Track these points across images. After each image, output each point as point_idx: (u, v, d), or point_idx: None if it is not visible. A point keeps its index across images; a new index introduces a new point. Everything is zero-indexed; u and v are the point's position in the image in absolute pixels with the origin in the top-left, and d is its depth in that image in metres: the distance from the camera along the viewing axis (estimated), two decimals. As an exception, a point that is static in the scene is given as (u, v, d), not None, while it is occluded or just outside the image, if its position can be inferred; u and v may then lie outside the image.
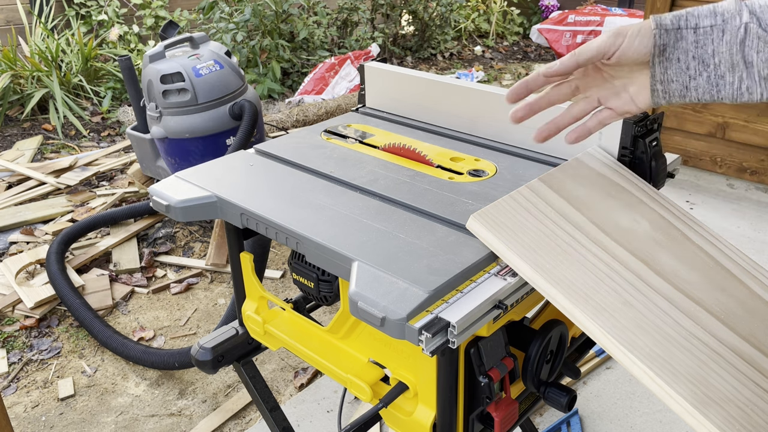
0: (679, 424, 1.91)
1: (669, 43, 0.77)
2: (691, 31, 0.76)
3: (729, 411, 0.74)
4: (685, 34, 0.76)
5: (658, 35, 0.77)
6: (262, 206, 1.05)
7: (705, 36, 0.76)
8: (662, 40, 0.77)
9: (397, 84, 1.43)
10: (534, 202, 0.96)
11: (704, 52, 0.76)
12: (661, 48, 0.78)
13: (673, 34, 0.77)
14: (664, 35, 0.77)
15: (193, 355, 1.28)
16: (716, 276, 0.93)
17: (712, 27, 0.75)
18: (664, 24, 0.77)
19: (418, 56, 6.02)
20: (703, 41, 0.76)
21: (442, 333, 0.79)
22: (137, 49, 4.98)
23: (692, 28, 0.76)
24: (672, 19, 0.77)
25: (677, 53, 0.77)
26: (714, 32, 0.75)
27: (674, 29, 0.77)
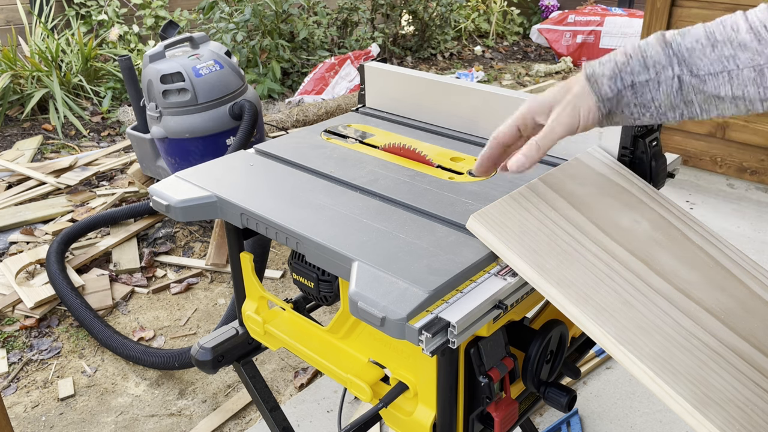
0: (679, 424, 1.91)
1: (613, 106, 0.82)
2: (629, 89, 0.80)
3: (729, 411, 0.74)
4: (624, 93, 0.81)
5: (603, 106, 0.82)
6: (262, 206, 1.05)
7: (642, 88, 0.80)
8: (606, 108, 0.82)
9: (397, 84, 1.43)
10: (534, 202, 0.96)
11: (644, 100, 0.80)
12: (607, 113, 0.82)
13: (615, 99, 0.81)
14: (607, 103, 0.81)
15: (193, 355, 1.28)
16: (716, 276, 0.93)
17: (648, 81, 0.79)
18: (604, 94, 0.81)
19: (418, 56, 6.03)
20: (641, 92, 0.80)
21: (442, 333, 0.79)
22: (137, 49, 4.98)
23: (629, 86, 0.80)
24: (609, 84, 0.80)
25: (620, 108, 0.82)
26: (650, 85, 0.79)
27: (614, 95, 0.81)
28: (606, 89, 0.81)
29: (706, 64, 0.76)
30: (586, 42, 5.87)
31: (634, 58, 0.79)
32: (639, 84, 0.79)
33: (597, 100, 0.81)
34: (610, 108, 0.82)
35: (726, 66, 0.75)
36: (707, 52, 0.76)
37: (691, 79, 0.77)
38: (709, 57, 0.76)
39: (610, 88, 0.81)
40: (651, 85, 0.79)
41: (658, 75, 0.78)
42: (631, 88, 0.80)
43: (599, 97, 0.81)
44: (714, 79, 0.76)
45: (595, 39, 5.81)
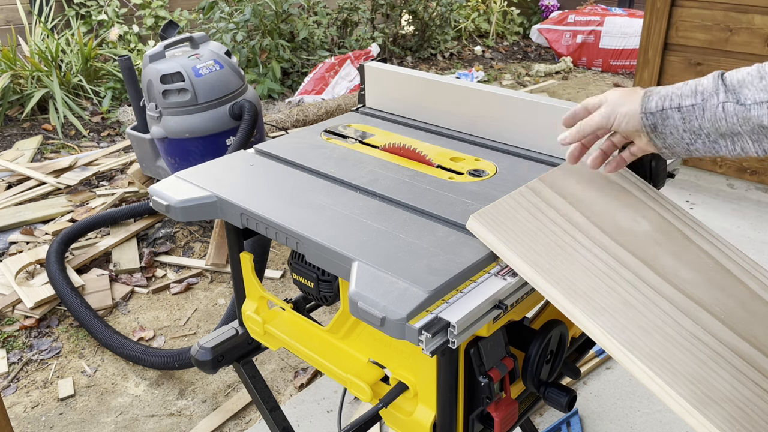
0: (679, 424, 1.91)
1: (657, 122, 0.87)
2: (675, 111, 0.85)
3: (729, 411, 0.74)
4: (670, 113, 0.86)
5: (645, 118, 0.88)
6: (262, 206, 1.05)
7: (689, 114, 0.84)
8: (650, 121, 0.87)
9: (397, 84, 1.43)
10: (534, 202, 0.96)
11: (692, 126, 0.85)
12: (652, 127, 0.88)
13: (659, 115, 0.87)
14: (651, 117, 0.87)
15: (193, 355, 1.28)
16: (716, 276, 0.93)
17: (693, 106, 0.84)
18: (649, 107, 0.87)
19: (418, 56, 6.02)
20: (688, 118, 0.84)
21: (442, 333, 0.79)
22: (137, 49, 4.98)
23: (676, 108, 0.85)
24: (657, 100, 0.87)
25: (668, 129, 0.87)
26: (695, 111, 0.84)
27: (659, 111, 0.86)
28: (652, 104, 0.87)
29: (752, 93, 0.79)
30: (586, 42, 5.87)
31: (689, 86, 0.85)
32: (685, 108, 0.84)
33: (641, 110, 0.87)
34: (654, 122, 0.87)
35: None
36: (755, 83, 0.79)
37: (735, 108, 0.80)
38: (756, 87, 0.79)
39: (656, 104, 0.86)
40: (696, 111, 0.83)
41: (705, 101, 0.83)
42: (678, 110, 0.85)
43: (643, 108, 0.87)
44: (758, 108, 0.78)
45: (595, 39, 5.81)
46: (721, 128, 0.82)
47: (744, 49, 3.01)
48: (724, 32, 3.05)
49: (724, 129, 0.82)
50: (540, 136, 1.22)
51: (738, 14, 3.00)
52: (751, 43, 2.99)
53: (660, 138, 0.88)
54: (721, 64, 3.09)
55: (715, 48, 3.10)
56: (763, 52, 2.96)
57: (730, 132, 0.82)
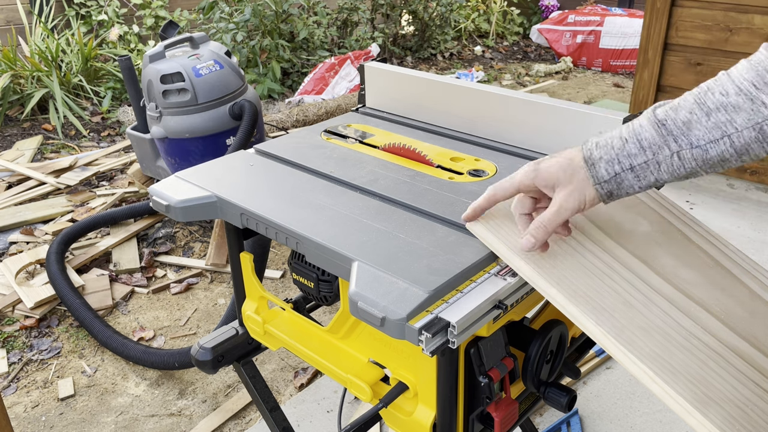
0: (679, 424, 1.91)
1: (613, 189, 0.82)
2: (628, 172, 0.81)
3: (729, 411, 0.74)
4: (623, 176, 0.81)
5: (600, 188, 0.82)
6: (262, 206, 1.05)
7: (643, 171, 0.80)
8: (605, 189, 0.83)
9: (397, 84, 1.43)
10: (534, 202, 0.96)
11: (648, 182, 0.81)
12: (608, 194, 0.83)
13: (614, 182, 0.82)
14: (605, 185, 0.82)
15: (193, 355, 1.28)
16: (716, 276, 0.93)
17: (646, 162, 0.79)
18: (602, 177, 0.82)
19: (418, 56, 6.03)
20: (643, 174, 0.80)
21: (442, 333, 0.79)
22: (137, 49, 4.98)
23: (628, 169, 0.80)
24: (605, 167, 0.81)
25: (624, 190, 0.83)
26: (649, 166, 0.80)
27: (612, 177, 0.81)
28: (603, 172, 0.82)
29: (704, 134, 0.76)
30: (586, 42, 5.87)
31: (630, 142, 0.80)
32: (638, 167, 0.80)
33: (594, 182, 0.82)
34: (609, 190, 0.83)
35: (726, 131, 0.75)
36: (703, 122, 0.76)
37: (692, 152, 0.77)
38: (706, 126, 0.76)
39: (606, 171, 0.82)
40: (651, 166, 0.80)
41: (656, 156, 0.79)
42: (630, 170, 0.81)
43: (596, 179, 0.82)
44: (716, 146, 0.76)
45: (595, 39, 5.81)
46: (681, 174, 0.79)
47: (744, 49, 3.01)
48: (724, 32, 3.05)
49: (684, 173, 0.79)
50: (540, 136, 1.22)
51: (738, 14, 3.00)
52: (751, 43, 2.99)
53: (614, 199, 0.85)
54: (721, 64, 3.09)
55: (715, 48, 3.10)
56: (763, 52, 2.96)
57: (692, 173, 0.79)
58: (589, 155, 0.82)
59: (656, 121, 0.79)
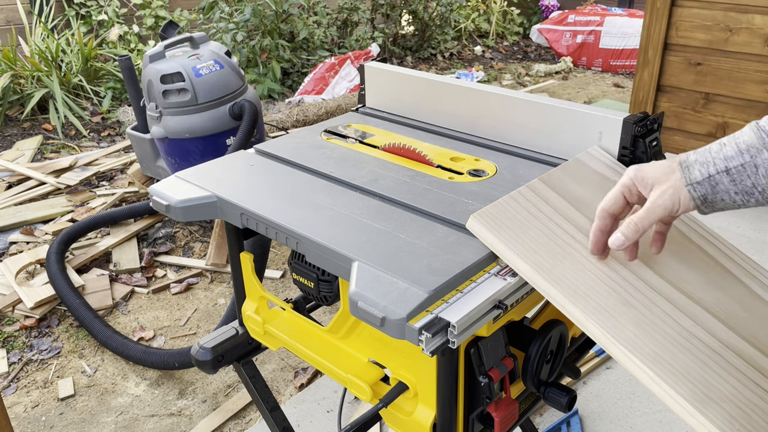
0: (679, 424, 1.91)
1: (707, 192, 0.80)
2: (724, 175, 0.79)
3: (729, 411, 0.74)
4: (719, 179, 0.79)
5: (693, 190, 0.80)
6: (262, 206, 1.05)
7: (739, 174, 0.78)
8: (699, 192, 0.80)
9: (397, 84, 1.43)
10: (534, 202, 0.96)
11: (744, 186, 0.79)
12: (702, 198, 0.81)
13: (707, 183, 0.80)
14: (699, 188, 0.80)
15: (193, 355, 1.28)
16: (716, 276, 0.93)
17: (743, 165, 0.78)
18: (695, 178, 0.80)
19: (418, 56, 6.02)
20: (739, 179, 0.78)
21: (442, 333, 0.79)
22: (137, 49, 4.98)
23: (724, 172, 0.79)
24: (700, 168, 0.80)
25: (719, 195, 0.80)
26: (747, 169, 0.78)
27: (705, 179, 0.80)
28: (696, 174, 0.80)
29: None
30: (586, 42, 5.87)
31: (728, 146, 0.80)
32: (734, 169, 0.79)
33: (686, 182, 0.81)
34: (703, 193, 0.80)
35: None
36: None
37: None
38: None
39: (700, 173, 0.80)
40: (748, 169, 0.78)
41: (754, 158, 0.77)
42: (726, 173, 0.79)
43: (688, 179, 0.81)
44: None
45: (595, 39, 5.81)
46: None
47: (744, 49, 3.01)
48: (724, 32, 3.05)
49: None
50: (540, 136, 1.22)
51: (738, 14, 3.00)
52: (751, 43, 2.99)
53: (710, 206, 0.82)
54: (721, 64, 3.09)
55: (715, 48, 3.10)
56: (763, 51, 2.96)
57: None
58: (686, 158, 0.82)
59: (758, 127, 0.78)
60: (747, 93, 3.07)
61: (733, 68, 3.07)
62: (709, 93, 3.19)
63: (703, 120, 3.25)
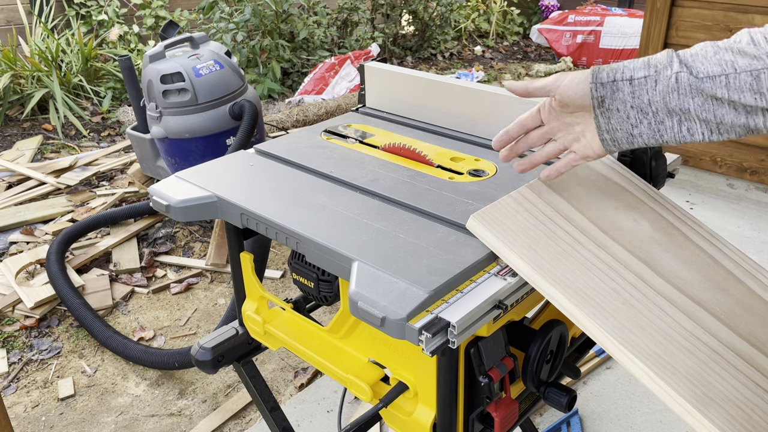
0: (679, 424, 1.91)
1: (606, 95, 0.84)
2: (626, 83, 0.83)
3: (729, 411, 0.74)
4: (621, 86, 0.83)
5: (594, 88, 0.84)
6: (262, 206, 1.05)
7: (640, 87, 0.82)
8: (599, 93, 0.84)
9: (397, 84, 1.43)
10: (534, 202, 0.96)
11: (641, 102, 0.82)
12: (600, 100, 0.84)
13: (609, 87, 0.84)
14: (600, 88, 0.84)
15: (193, 355, 1.28)
16: (716, 276, 0.93)
17: (646, 78, 0.82)
18: (600, 78, 0.84)
19: (418, 56, 6.02)
20: (639, 92, 0.82)
21: (442, 333, 0.79)
22: (137, 49, 4.98)
23: (627, 80, 0.83)
24: (608, 71, 0.84)
25: (616, 104, 0.84)
26: (648, 83, 0.81)
27: (610, 82, 0.84)
28: (603, 75, 0.84)
29: (705, 67, 0.78)
30: (586, 42, 5.87)
31: (641, 60, 0.83)
32: (637, 81, 0.82)
33: (591, 80, 0.84)
34: (603, 95, 0.84)
35: (724, 69, 0.77)
36: (708, 56, 0.79)
37: (689, 78, 0.79)
38: (710, 60, 0.78)
39: (607, 74, 0.84)
40: (649, 83, 0.81)
41: (658, 73, 0.81)
42: (629, 82, 0.82)
43: (593, 77, 0.84)
44: (711, 81, 0.78)
45: (595, 39, 5.81)
46: (671, 103, 0.80)
47: (744, 49, 3.01)
48: (724, 32, 3.05)
49: (674, 104, 0.80)
50: (540, 136, 1.21)
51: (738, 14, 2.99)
52: (751, 43, 2.99)
53: (605, 116, 0.85)
54: (721, 64, 3.09)
55: (715, 48, 3.10)
56: (763, 52, 2.96)
57: (679, 109, 0.80)
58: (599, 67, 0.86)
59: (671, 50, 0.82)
60: (747, 93, 3.06)
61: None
62: (709, 93, 3.18)
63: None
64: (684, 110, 0.80)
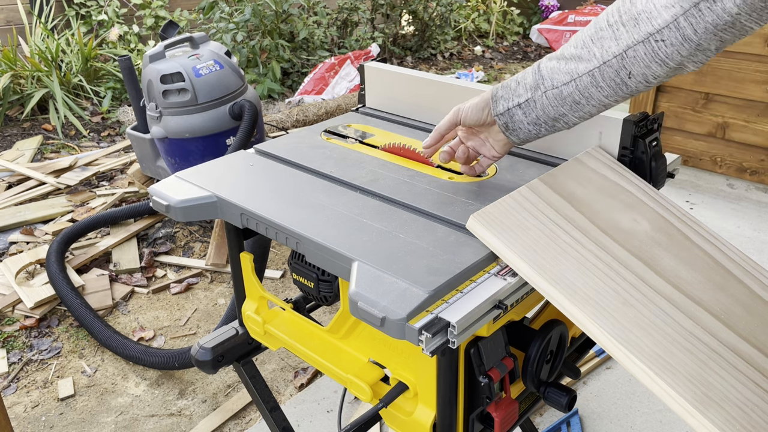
0: (679, 424, 1.91)
1: (507, 121, 1.01)
2: (517, 108, 0.99)
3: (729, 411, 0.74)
4: (514, 111, 0.99)
5: (498, 119, 1.01)
6: (262, 206, 1.05)
7: (527, 107, 0.98)
8: (502, 121, 1.01)
9: (397, 84, 1.43)
10: (534, 202, 0.96)
11: (531, 118, 0.99)
12: (505, 126, 1.01)
13: (507, 114, 1.00)
14: (501, 117, 1.01)
15: (193, 355, 1.28)
16: (716, 276, 0.93)
17: (527, 101, 0.98)
18: (498, 110, 1.01)
19: (418, 56, 6.03)
20: (527, 111, 0.98)
21: (442, 333, 0.79)
22: (137, 49, 4.98)
23: (517, 106, 0.99)
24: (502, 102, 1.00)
25: (516, 124, 1.00)
26: (530, 104, 0.98)
27: (506, 111, 1.00)
28: (500, 107, 1.00)
29: (561, 78, 0.94)
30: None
31: (521, 84, 0.98)
32: (524, 103, 0.98)
33: (495, 114, 1.01)
34: (505, 122, 1.00)
35: (573, 76, 0.92)
36: (562, 68, 0.94)
37: (553, 92, 0.94)
38: (563, 71, 0.93)
39: (502, 106, 1.00)
40: (530, 104, 0.97)
41: (533, 95, 0.97)
42: (519, 107, 0.99)
43: (495, 111, 1.01)
44: (567, 87, 0.93)
45: (595, 39, 5.80)
46: (551, 113, 0.96)
47: (744, 49, 3.02)
48: (724, 32, 3.05)
49: (553, 113, 0.96)
50: (540, 136, 1.21)
51: (738, 14, 2.99)
52: (751, 43, 2.99)
53: (514, 134, 1.01)
54: (721, 64, 3.09)
55: (715, 48, 3.09)
56: (763, 51, 2.96)
57: (558, 114, 0.96)
58: (495, 92, 1.01)
59: (537, 68, 0.97)
60: (747, 93, 3.07)
61: (733, 68, 3.07)
62: (708, 93, 3.19)
63: (703, 120, 3.25)
64: (562, 114, 0.96)
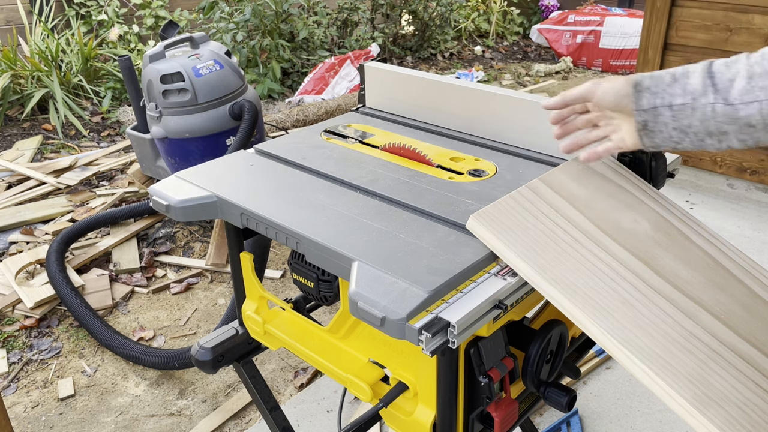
0: (679, 424, 1.91)
1: (649, 119, 0.89)
2: (666, 108, 0.87)
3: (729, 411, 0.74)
4: (661, 110, 0.88)
5: (638, 114, 0.90)
6: (262, 206, 1.05)
7: (679, 112, 0.86)
8: (642, 118, 0.90)
9: (397, 84, 1.43)
10: (534, 202, 0.96)
11: (681, 124, 0.87)
12: (643, 124, 0.90)
13: (651, 113, 0.89)
14: (643, 114, 0.89)
15: (193, 355, 1.28)
16: (716, 276, 0.93)
17: (684, 105, 0.86)
18: (641, 104, 0.89)
19: (418, 56, 6.02)
20: (679, 116, 0.86)
21: (442, 333, 0.79)
22: (137, 49, 4.98)
23: (667, 106, 0.87)
24: (648, 97, 0.89)
25: (658, 126, 0.89)
26: (686, 109, 0.85)
27: (651, 108, 0.88)
28: (644, 101, 0.88)
29: (740, 95, 0.81)
30: (586, 42, 5.87)
31: (678, 83, 0.86)
32: (677, 107, 0.86)
33: (634, 107, 0.89)
34: (645, 120, 0.89)
35: (757, 96, 0.79)
36: (743, 84, 0.81)
37: (724, 108, 0.82)
38: (745, 87, 0.81)
39: (647, 101, 0.88)
40: (687, 110, 0.85)
41: (695, 101, 0.84)
42: (669, 108, 0.87)
43: (636, 104, 0.89)
44: (746, 108, 0.80)
45: (595, 39, 5.81)
46: (710, 127, 0.84)
47: (744, 49, 3.00)
48: (724, 32, 3.05)
49: (712, 128, 0.84)
50: (540, 136, 1.22)
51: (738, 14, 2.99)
52: (751, 43, 2.99)
53: (649, 136, 0.90)
54: (721, 64, 3.08)
55: (715, 48, 3.10)
56: (763, 52, 2.96)
57: (718, 131, 0.84)
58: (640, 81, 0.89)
59: (709, 70, 0.84)
60: (747, 93, 3.06)
61: (733, 68, 3.06)
62: (709, 93, 3.18)
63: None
64: (722, 132, 0.83)
